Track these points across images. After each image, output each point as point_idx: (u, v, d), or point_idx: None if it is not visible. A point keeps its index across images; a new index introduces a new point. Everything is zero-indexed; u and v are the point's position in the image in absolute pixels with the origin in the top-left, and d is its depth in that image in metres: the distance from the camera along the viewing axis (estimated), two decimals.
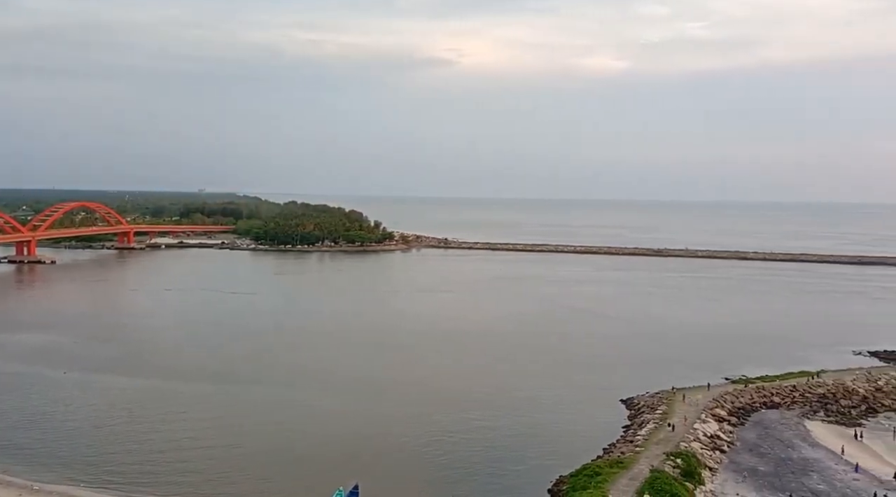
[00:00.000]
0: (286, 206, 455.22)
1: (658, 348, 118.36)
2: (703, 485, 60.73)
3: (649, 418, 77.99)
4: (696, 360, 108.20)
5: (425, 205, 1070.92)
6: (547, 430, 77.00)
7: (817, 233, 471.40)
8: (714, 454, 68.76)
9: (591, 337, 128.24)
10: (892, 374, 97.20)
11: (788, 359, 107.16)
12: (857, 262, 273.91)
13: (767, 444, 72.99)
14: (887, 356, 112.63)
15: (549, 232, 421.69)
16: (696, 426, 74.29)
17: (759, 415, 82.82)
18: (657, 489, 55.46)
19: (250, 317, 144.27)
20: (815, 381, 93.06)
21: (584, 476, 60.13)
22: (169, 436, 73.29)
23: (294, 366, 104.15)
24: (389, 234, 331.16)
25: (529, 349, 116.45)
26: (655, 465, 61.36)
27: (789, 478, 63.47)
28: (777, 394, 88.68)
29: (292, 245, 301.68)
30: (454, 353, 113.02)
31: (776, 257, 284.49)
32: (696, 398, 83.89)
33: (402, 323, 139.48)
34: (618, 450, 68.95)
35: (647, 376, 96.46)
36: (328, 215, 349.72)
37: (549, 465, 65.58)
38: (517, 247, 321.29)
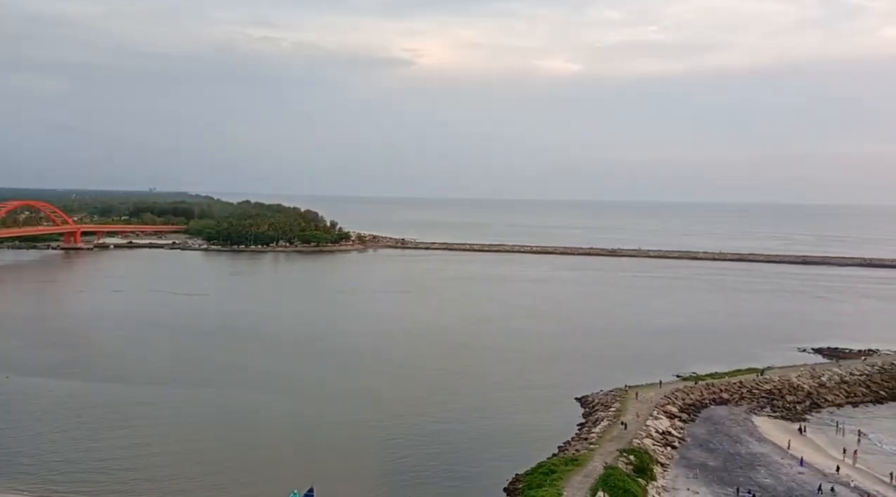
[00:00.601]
0: (240, 205, 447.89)
1: (612, 347, 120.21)
2: (655, 480, 61.82)
3: (603, 416, 79.11)
4: (649, 358, 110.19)
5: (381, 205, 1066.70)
6: (503, 430, 77.40)
7: (766, 233, 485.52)
8: (666, 450, 70.09)
9: (546, 336, 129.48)
10: (834, 370, 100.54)
11: (737, 356, 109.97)
12: (801, 261, 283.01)
13: (717, 439, 74.74)
14: (830, 353, 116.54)
15: (507, 232, 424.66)
16: (649, 423, 75.62)
17: (709, 411, 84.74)
18: (611, 486, 56.24)
19: (202, 319, 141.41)
20: (761, 377, 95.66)
21: (539, 474, 60.63)
22: (115, 442, 71.19)
23: (246, 368, 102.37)
24: (346, 234, 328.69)
25: (485, 349, 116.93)
26: (609, 461, 62.23)
27: (737, 472, 65.10)
28: (726, 390, 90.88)
29: (246, 245, 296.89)
30: (409, 354, 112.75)
31: (725, 257, 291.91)
32: (649, 395, 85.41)
33: (358, 324, 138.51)
34: (573, 447, 69.73)
35: (601, 374, 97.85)
36: (283, 215, 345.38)
37: (506, 464, 65.94)
38: (475, 247, 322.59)
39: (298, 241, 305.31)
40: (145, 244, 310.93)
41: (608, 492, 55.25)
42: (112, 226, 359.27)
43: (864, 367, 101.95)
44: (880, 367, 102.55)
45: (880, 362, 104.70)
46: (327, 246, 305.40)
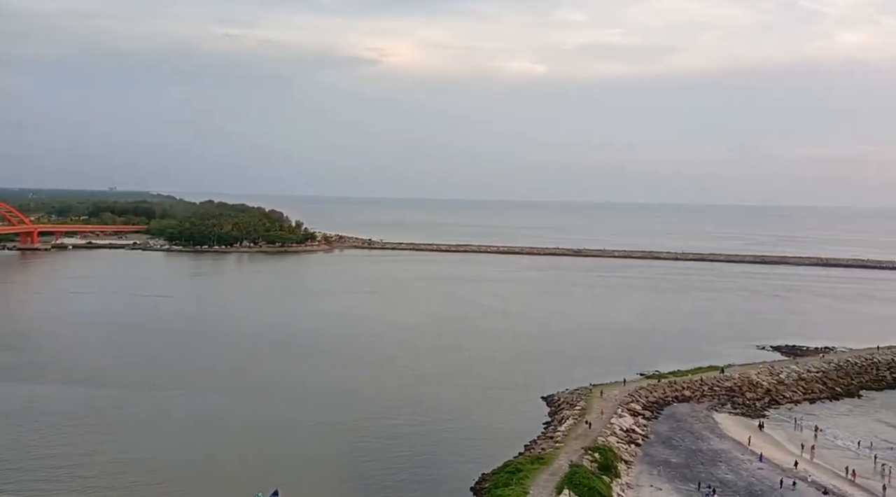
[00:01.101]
0: (202, 205, 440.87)
1: (577, 346, 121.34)
2: (619, 478, 62.55)
3: (569, 414, 79.78)
4: (613, 356, 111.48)
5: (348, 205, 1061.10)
6: (470, 430, 77.52)
7: (727, 233, 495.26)
8: (629, 447, 70.97)
9: (513, 336, 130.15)
10: (792, 367, 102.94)
11: (698, 354, 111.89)
12: (760, 261, 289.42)
13: (679, 436, 75.93)
14: (788, 350, 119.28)
15: (473, 232, 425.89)
16: (613, 421, 76.49)
17: (672, 408, 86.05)
18: (576, 483, 56.73)
19: (164, 320, 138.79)
20: (722, 375, 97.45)
21: (505, 473, 60.87)
22: (72, 449, 68.97)
23: (209, 370, 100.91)
24: (311, 234, 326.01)
25: (452, 349, 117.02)
26: (574, 459, 62.77)
27: (699, 468, 66.21)
28: (688, 388, 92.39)
29: (209, 246, 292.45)
30: (376, 355, 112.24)
31: (687, 257, 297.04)
32: (613, 393, 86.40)
33: (324, 325, 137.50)
34: (538, 446, 70.17)
35: (566, 373, 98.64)
36: (247, 215, 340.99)
37: (473, 464, 66.04)
38: (441, 247, 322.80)
39: (263, 242, 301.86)
40: (105, 244, 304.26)
41: (573, 489, 55.72)
42: (70, 226, 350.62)
43: (820, 365, 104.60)
44: (836, 364, 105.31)
45: (836, 360, 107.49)
46: (292, 246, 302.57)
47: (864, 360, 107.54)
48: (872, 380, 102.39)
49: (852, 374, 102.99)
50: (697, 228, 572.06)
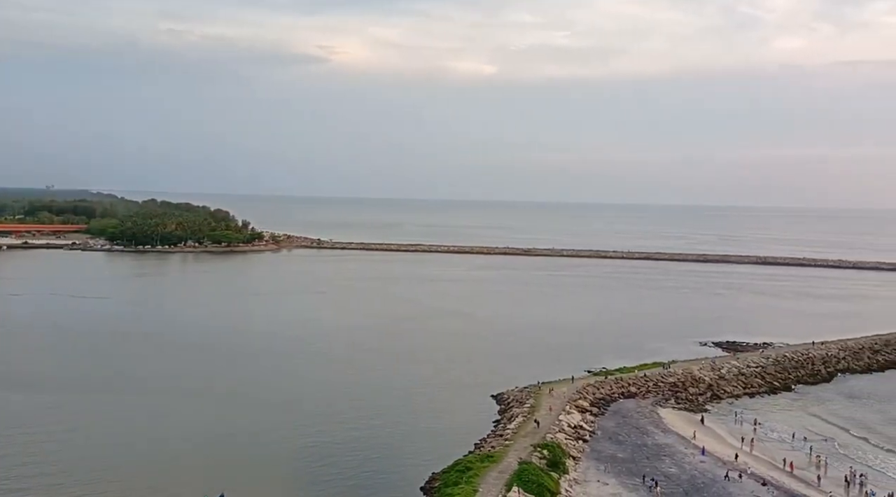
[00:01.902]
0: (145, 204, 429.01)
1: (526, 344, 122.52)
2: (567, 474, 63.40)
3: (518, 412, 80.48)
4: (561, 354, 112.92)
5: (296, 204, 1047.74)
6: (420, 429, 77.48)
7: (671, 233, 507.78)
8: (577, 444, 71.99)
9: (463, 335, 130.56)
10: (732, 363, 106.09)
11: (644, 351, 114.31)
12: (702, 260, 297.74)
13: (625, 431, 77.40)
14: (729, 346, 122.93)
15: (424, 232, 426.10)
16: (561, 417, 77.47)
17: (618, 404, 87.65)
18: (525, 480, 57.26)
19: (105, 323, 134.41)
20: (666, 371, 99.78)
21: (455, 472, 61.01)
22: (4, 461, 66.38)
23: (150, 374, 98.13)
24: (258, 234, 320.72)
25: (402, 350, 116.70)
26: (523, 457, 63.34)
27: (644, 463, 67.62)
28: (633, 384, 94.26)
29: (152, 246, 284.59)
30: (325, 356, 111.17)
31: (633, 256, 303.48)
32: (562, 391, 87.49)
33: (271, 326, 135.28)
34: (488, 444, 70.59)
35: (516, 371, 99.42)
36: (192, 214, 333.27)
37: (422, 464, 65.99)
38: (392, 247, 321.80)
39: (208, 242, 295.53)
40: (42, 245, 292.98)
41: (522, 486, 56.22)
42: (5, 225, 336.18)
43: (759, 360, 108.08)
44: (774, 359, 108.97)
45: (774, 355, 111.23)
46: (239, 246, 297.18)
47: (800, 355, 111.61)
48: (808, 374, 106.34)
49: (789, 368, 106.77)
50: (643, 228, 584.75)
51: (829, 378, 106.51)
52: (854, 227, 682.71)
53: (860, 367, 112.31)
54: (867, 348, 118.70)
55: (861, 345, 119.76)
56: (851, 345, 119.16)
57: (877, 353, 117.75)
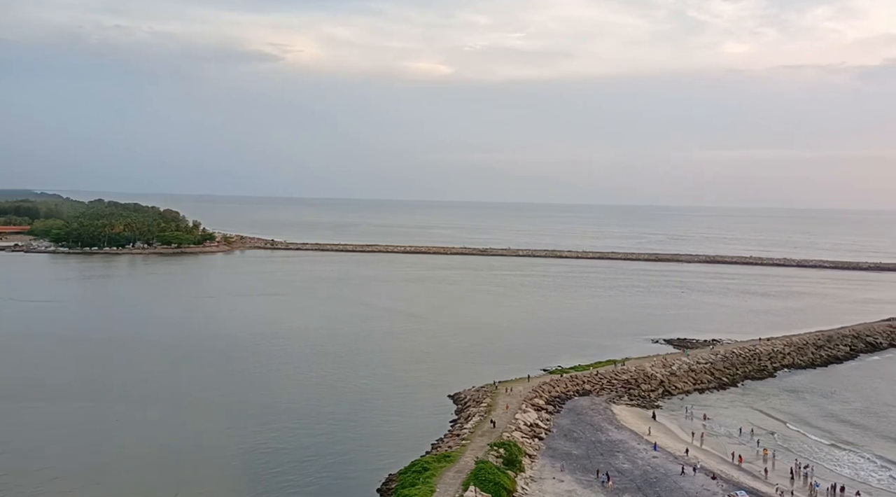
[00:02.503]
0: (91, 204, 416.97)
1: (483, 344, 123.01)
2: (523, 472, 63.86)
3: (475, 411, 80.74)
4: (518, 353, 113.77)
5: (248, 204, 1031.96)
6: (377, 431, 77.09)
7: (623, 233, 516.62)
8: (533, 442, 72.59)
9: (420, 335, 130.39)
10: (683, 359, 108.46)
11: (598, 349, 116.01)
12: (654, 259, 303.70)
13: (580, 428, 78.37)
14: (679, 343, 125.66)
15: (381, 232, 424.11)
16: (518, 416, 78.01)
17: (573, 402, 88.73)
18: (481, 479, 57.47)
19: (50, 327, 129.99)
20: (620, 368, 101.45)
21: (412, 472, 60.87)
22: None
23: (101, 379, 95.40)
24: (210, 234, 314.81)
25: (359, 351, 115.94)
26: (480, 456, 63.55)
27: (598, 459, 68.58)
28: (588, 382, 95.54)
29: (99, 247, 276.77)
30: (280, 359, 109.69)
31: (587, 255, 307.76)
32: (518, 389, 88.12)
33: (223, 329, 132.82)
34: (445, 444, 70.64)
35: (472, 371, 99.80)
36: (140, 215, 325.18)
37: (379, 465, 65.72)
38: (347, 247, 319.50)
39: (158, 243, 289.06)
40: None
41: (479, 485, 56.40)
42: None
43: (708, 356, 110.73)
44: (723, 355, 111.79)
45: (722, 351, 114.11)
46: (190, 247, 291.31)
47: (747, 352, 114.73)
48: (755, 370, 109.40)
49: (737, 364, 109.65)
50: (595, 228, 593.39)
51: (775, 373, 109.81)
52: (797, 226, 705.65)
53: (804, 362, 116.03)
54: (811, 344, 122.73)
55: (805, 341, 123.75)
56: (796, 341, 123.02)
57: (820, 349, 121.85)
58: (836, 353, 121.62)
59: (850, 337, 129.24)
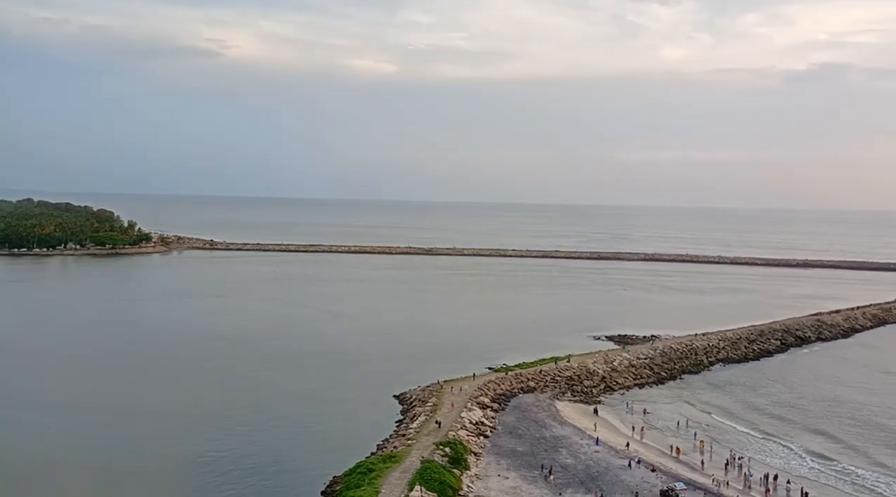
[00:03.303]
0: (20, 204, 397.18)
1: (428, 343, 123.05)
2: (469, 470, 64.13)
3: (420, 411, 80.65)
4: (463, 352, 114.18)
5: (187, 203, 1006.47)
6: (321, 433, 76.24)
7: (563, 231, 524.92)
8: (479, 439, 72.98)
9: (364, 336, 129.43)
10: (624, 355, 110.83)
11: (542, 346, 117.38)
12: (595, 257, 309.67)
13: (524, 425, 79.17)
14: (620, 340, 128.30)
15: (324, 232, 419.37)
16: (463, 415, 78.29)
17: (518, 399, 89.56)
18: (427, 479, 57.43)
19: None
20: (563, 365, 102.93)
21: (357, 474, 60.38)
22: None
23: (27, 386, 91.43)
24: (146, 235, 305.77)
25: (302, 353, 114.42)
26: (426, 455, 63.49)
27: (543, 455, 69.43)
28: (532, 379, 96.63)
29: (28, 248, 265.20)
30: (219, 363, 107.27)
31: (531, 254, 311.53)
32: (463, 388, 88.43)
33: (161, 332, 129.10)
34: (391, 444, 70.33)
35: (418, 371, 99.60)
36: (72, 215, 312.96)
37: (324, 467, 64.92)
38: (290, 247, 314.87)
39: (91, 244, 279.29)
40: None
41: (424, 485, 56.35)
42: None
43: (648, 352, 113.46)
44: (661, 350, 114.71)
45: (661, 346, 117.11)
46: (125, 248, 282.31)
47: (685, 347, 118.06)
48: (692, 364, 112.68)
49: (675, 359, 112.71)
50: (539, 227, 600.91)
51: (711, 367, 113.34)
52: (731, 225, 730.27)
53: (738, 356, 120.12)
54: (744, 338, 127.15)
55: (738, 335, 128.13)
56: (730, 335, 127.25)
57: (752, 343, 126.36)
58: (767, 347, 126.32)
59: (781, 331, 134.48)
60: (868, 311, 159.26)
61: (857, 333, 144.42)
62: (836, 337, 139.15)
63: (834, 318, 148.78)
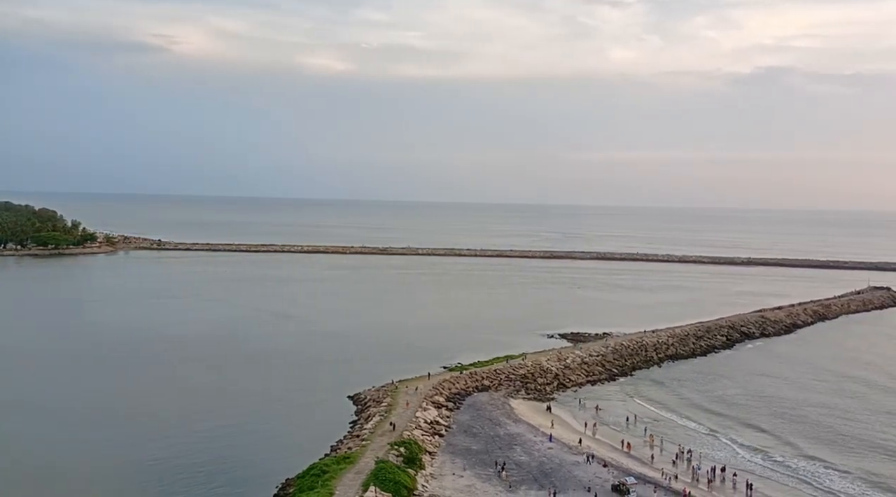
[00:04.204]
0: None
1: (383, 343, 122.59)
2: (423, 469, 64.15)
3: (375, 411, 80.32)
4: (418, 351, 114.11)
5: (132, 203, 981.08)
6: (274, 435, 75.26)
7: (517, 231, 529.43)
8: (434, 439, 73.08)
9: (318, 336, 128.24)
10: (576, 353, 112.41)
11: (497, 345, 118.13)
12: (548, 256, 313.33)
13: (479, 424, 79.59)
14: (573, 337, 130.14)
15: (276, 231, 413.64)
16: (418, 414, 78.27)
17: (472, 398, 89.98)
18: (381, 479, 57.23)
19: None
20: (517, 363, 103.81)
21: (311, 476, 59.81)
22: None
23: None
24: (91, 235, 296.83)
25: (254, 354, 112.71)
26: (380, 455, 63.26)
27: (497, 453, 69.92)
28: (487, 377, 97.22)
29: None
30: (168, 366, 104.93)
31: (486, 253, 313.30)
32: (418, 387, 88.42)
33: (104, 335, 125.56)
34: (345, 445, 69.87)
35: (372, 371, 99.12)
36: (12, 214, 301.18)
37: (276, 470, 64.12)
38: (241, 247, 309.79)
39: (32, 244, 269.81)
40: None
41: (379, 485, 56.15)
42: None
43: (600, 349, 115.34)
44: (613, 347, 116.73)
45: (613, 343, 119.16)
46: (69, 249, 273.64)
47: (635, 343, 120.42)
48: (642, 361, 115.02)
49: (626, 355, 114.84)
50: (493, 226, 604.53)
51: (661, 363, 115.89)
52: (679, 224, 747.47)
53: (686, 352, 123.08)
54: (691, 335, 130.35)
55: (686, 332, 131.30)
56: (678, 332, 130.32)
57: (700, 339, 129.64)
58: (714, 343, 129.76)
59: (727, 327, 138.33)
60: (809, 308, 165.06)
61: (798, 329, 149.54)
62: (778, 332, 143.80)
63: (777, 314, 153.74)
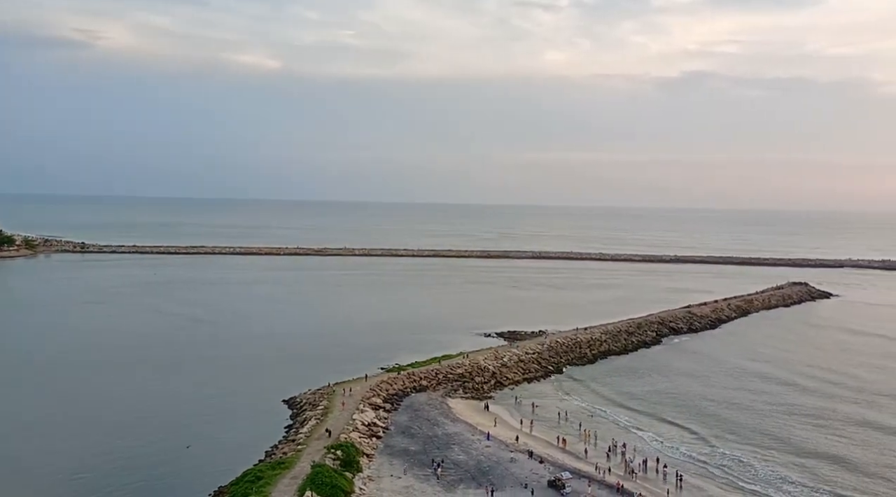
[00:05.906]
0: None
1: (319, 346, 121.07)
2: (361, 472, 63.65)
3: (311, 415, 79.25)
4: (355, 353, 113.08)
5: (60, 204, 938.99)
6: (206, 442, 73.34)
7: (453, 231, 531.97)
8: (371, 441, 72.61)
9: (252, 339, 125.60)
10: (513, 351, 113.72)
11: (434, 344, 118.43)
12: (485, 255, 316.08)
13: (417, 424, 79.56)
14: (510, 336, 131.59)
15: (207, 233, 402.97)
16: (355, 416, 77.63)
17: (410, 398, 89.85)
18: (318, 483, 56.51)
19: None
20: (455, 362, 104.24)
21: (244, 482, 58.57)
22: None
23: None
24: (9, 237, 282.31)
25: (182, 360, 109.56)
26: (317, 459, 62.45)
27: (435, 453, 70.04)
28: (425, 377, 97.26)
29: None
30: (94, 372, 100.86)
31: (423, 254, 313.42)
32: (355, 389, 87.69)
33: (26, 343, 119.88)
34: (280, 450, 68.69)
35: (308, 374, 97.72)
36: None
37: (209, 478, 62.57)
38: (171, 249, 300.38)
39: None
40: None
41: (315, 490, 55.44)
42: None
43: (535, 347, 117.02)
44: (548, 345, 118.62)
45: (548, 341, 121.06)
46: None
47: (570, 340, 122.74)
48: (577, 357, 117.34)
49: (560, 352, 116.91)
50: (429, 226, 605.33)
51: (594, 359, 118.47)
52: (610, 223, 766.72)
53: (618, 348, 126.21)
54: (623, 331, 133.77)
55: (619, 328, 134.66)
56: (611, 328, 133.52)
57: (631, 335, 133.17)
58: (644, 339, 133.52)
59: (656, 323, 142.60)
60: (733, 303, 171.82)
61: (723, 324, 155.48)
62: (704, 327, 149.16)
63: (703, 309, 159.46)
